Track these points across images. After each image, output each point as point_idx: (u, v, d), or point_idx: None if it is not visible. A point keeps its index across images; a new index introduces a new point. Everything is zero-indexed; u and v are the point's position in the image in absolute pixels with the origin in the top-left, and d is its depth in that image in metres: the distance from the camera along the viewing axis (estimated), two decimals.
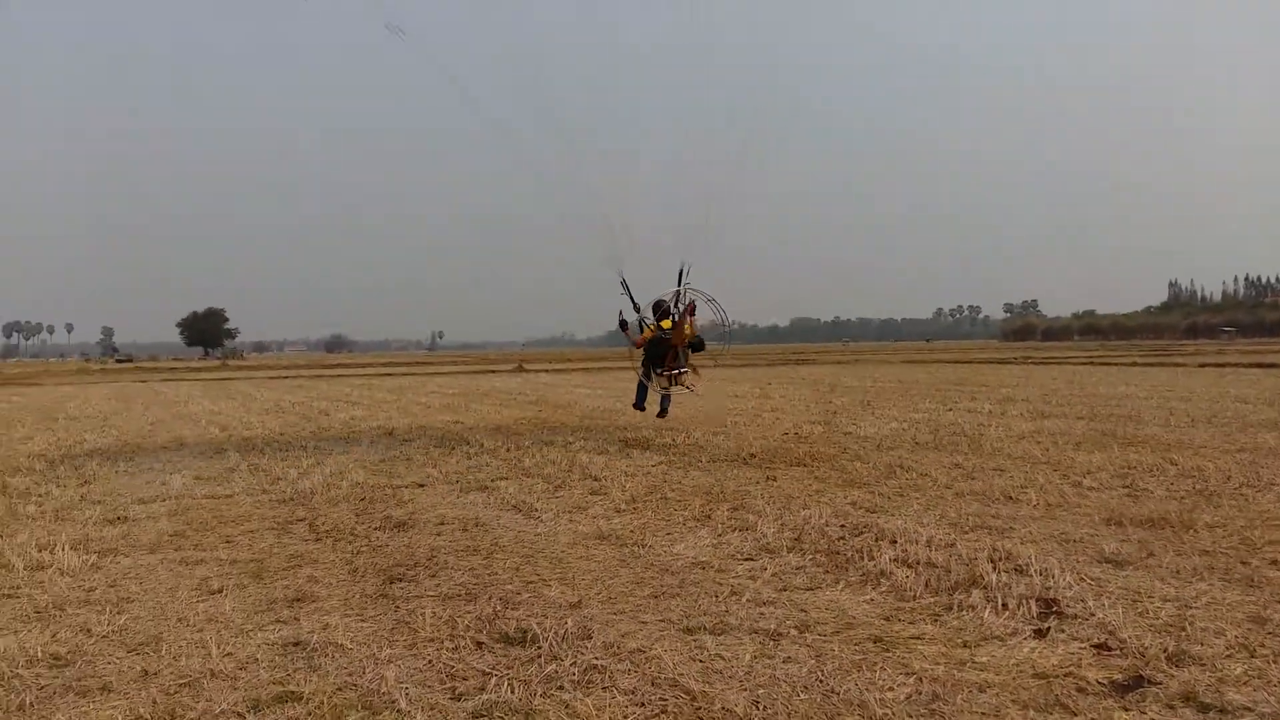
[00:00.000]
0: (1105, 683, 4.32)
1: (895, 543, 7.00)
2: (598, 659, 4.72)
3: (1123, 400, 20.97)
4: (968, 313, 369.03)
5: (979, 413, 18.34)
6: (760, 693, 4.26)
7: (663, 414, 16.44)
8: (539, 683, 4.43)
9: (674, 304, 15.83)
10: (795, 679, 4.42)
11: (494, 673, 4.57)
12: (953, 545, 6.87)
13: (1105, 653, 4.71)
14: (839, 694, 4.23)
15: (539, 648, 4.91)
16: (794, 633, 5.09)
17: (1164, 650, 4.66)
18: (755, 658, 4.72)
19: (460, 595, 5.99)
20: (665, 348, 15.79)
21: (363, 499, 9.69)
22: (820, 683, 4.36)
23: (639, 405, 16.72)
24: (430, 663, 4.77)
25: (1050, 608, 5.41)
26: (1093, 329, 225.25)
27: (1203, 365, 41.87)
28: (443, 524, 8.31)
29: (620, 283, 16.04)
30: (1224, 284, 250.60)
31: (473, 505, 9.28)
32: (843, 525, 7.73)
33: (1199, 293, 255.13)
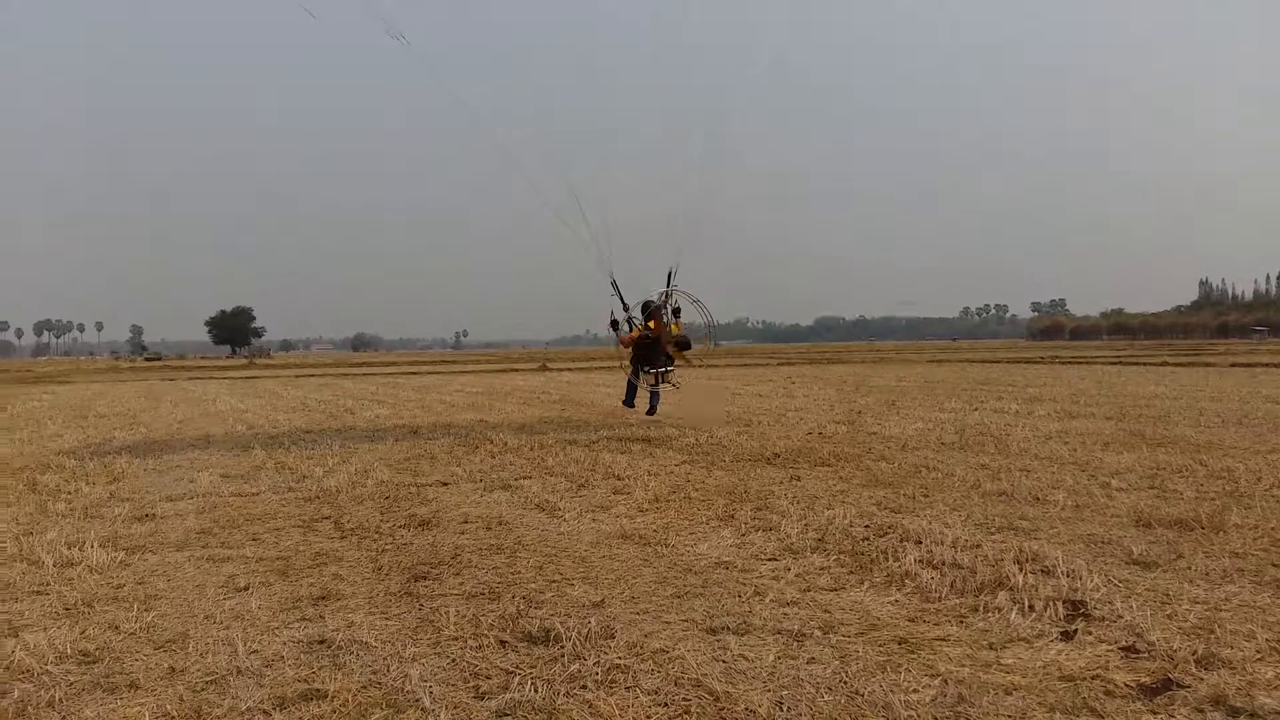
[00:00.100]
0: (1133, 686, 4.27)
1: (920, 543, 6.96)
2: (621, 659, 4.72)
3: (1152, 400, 20.75)
4: (994, 311, 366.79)
5: (1005, 413, 18.20)
6: (784, 694, 4.24)
7: (651, 411, 17.00)
8: (562, 682, 4.44)
9: (662, 305, 16.34)
10: (819, 680, 4.40)
11: (517, 672, 4.58)
12: (979, 546, 6.83)
13: (1133, 655, 4.66)
14: (863, 695, 4.20)
15: (562, 647, 4.91)
16: (818, 634, 5.07)
17: (1193, 653, 4.60)
18: (779, 658, 4.71)
19: (484, 594, 6.01)
20: (653, 347, 16.35)
21: (387, 497, 9.74)
22: (844, 684, 4.34)
23: (629, 403, 17.33)
24: (454, 661, 4.79)
25: (1077, 610, 5.36)
26: (1122, 328, 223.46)
27: (1234, 365, 41.37)
28: (466, 522, 8.34)
29: (611, 284, 16.68)
30: (1256, 282, 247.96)
31: (496, 504, 9.31)
32: (867, 526, 7.69)
33: (1230, 291, 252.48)
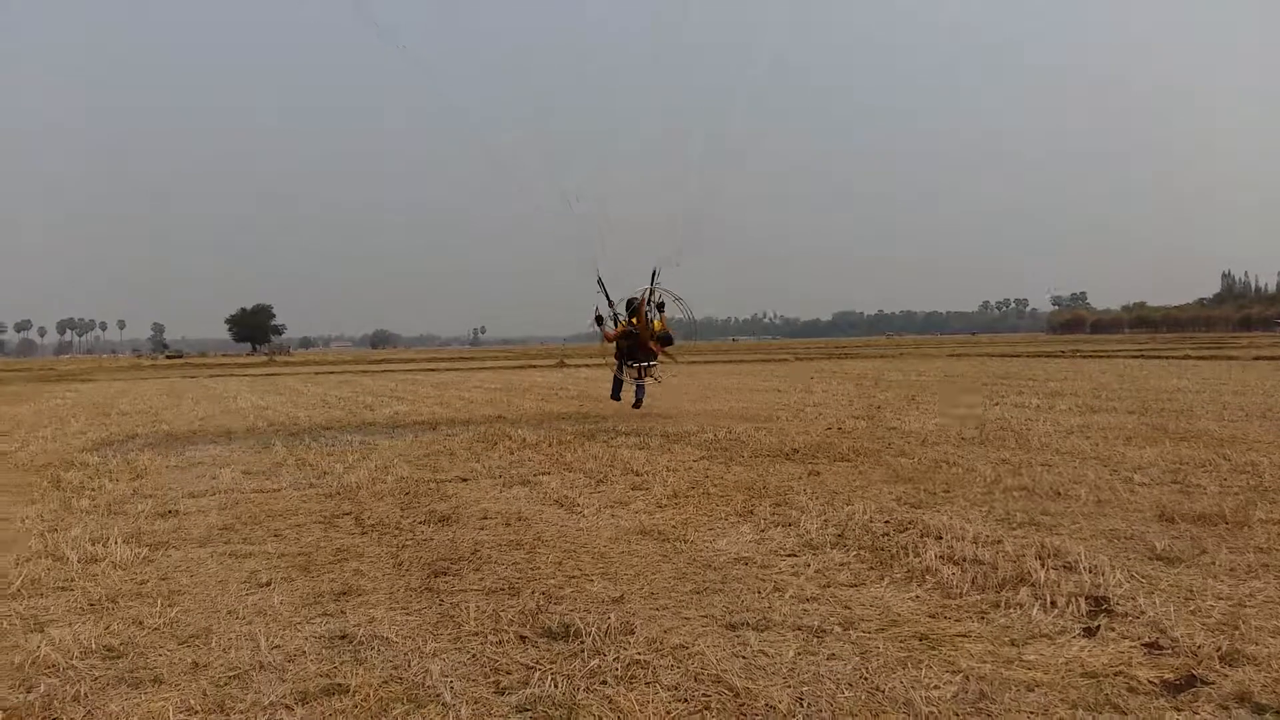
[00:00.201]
0: (1156, 682, 4.24)
1: (941, 539, 6.92)
2: (640, 654, 4.72)
3: (1174, 394, 20.56)
4: (1014, 305, 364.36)
5: (1026, 407, 18.09)
6: (804, 690, 4.24)
7: (637, 404, 17.80)
8: (582, 677, 4.44)
9: (646, 302, 16.96)
10: (839, 676, 4.38)
11: (537, 667, 4.60)
12: (1000, 542, 6.79)
13: (1156, 652, 4.62)
14: (884, 691, 4.19)
15: (582, 642, 4.92)
16: (838, 629, 5.05)
17: (1217, 649, 4.56)
18: (799, 654, 4.70)
19: (503, 589, 6.02)
20: (636, 342, 17.07)
21: (407, 493, 9.78)
22: (865, 680, 4.33)
23: (615, 396, 18.03)
24: (474, 656, 4.81)
25: (1100, 605, 5.32)
26: (1144, 321, 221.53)
27: (1257, 358, 40.96)
28: (486, 518, 8.36)
29: (597, 281, 17.32)
30: (1279, 275, 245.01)
31: (515, 500, 9.33)
32: (887, 521, 7.66)
33: (1253, 284, 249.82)
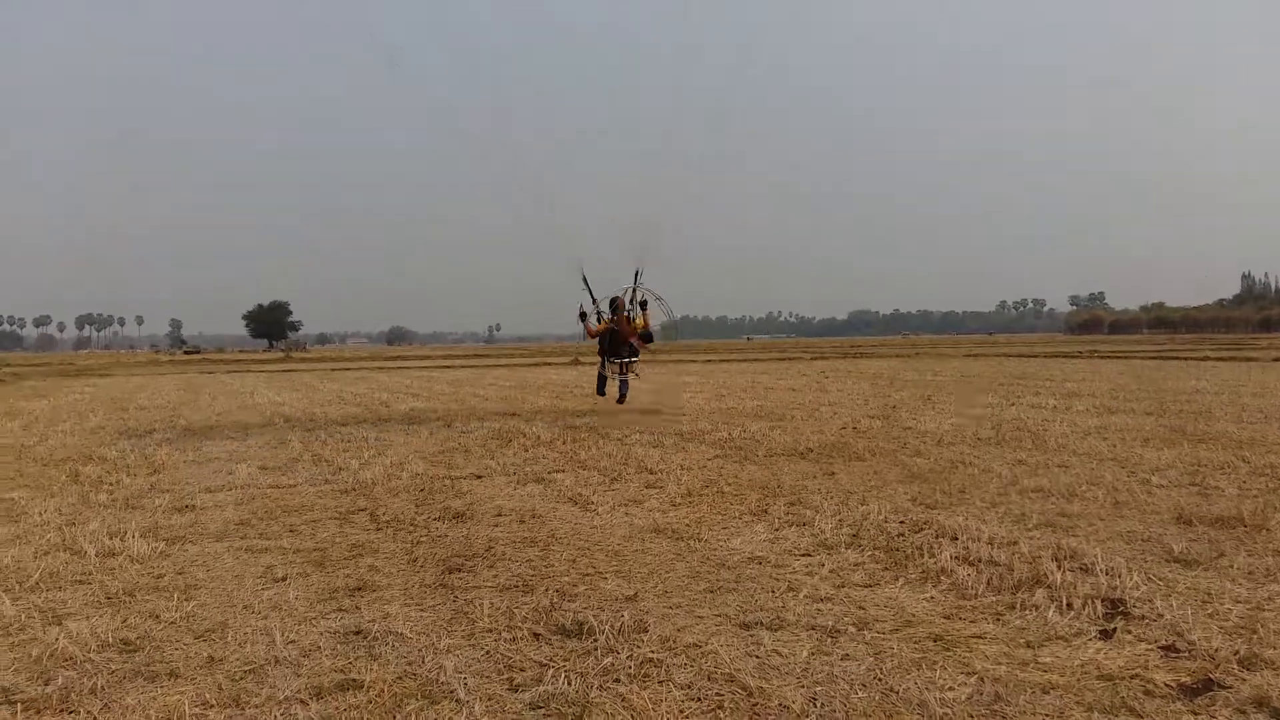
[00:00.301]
0: (1173, 686, 4.21)
1: (956, 540, 6.90)
2: (654, 652, 4.72)
3: (1193, 396, 20.42)
4: (1032, 305, 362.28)
5: (1043, 408, 18.00)
6: (818, 690, 4.23)
7: (621, 400, 18.46)
8: (595, 675, 4.45)
9: (629, 301, 17.68)
10: (853, 676, 4.37)
11: (551, 664, 4.60)
12: (1015, 543, 6.75)
13: (1173, 655, 4.59)
14: (898, 692, 4.17)
15: (595, 640, 4.93)
16: (852, 630, 5.04)
17: (1235, 653, 4.53)
18: (813, 654, 4.69)
19: (517, 586, 6.04)
20: (618, 339, 17.78)
21: (422, 490, 9.81)
22: (879, 681, 4.32)
23: (600, 392, 18.80)
24: (488, 653, 4.82)
25: (1116, 608, 5.29)
26: (1162, 322, 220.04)
27: (1277, 360, 40.63)
28: (500, 515, 8.38)
29: (581, 279, 17.99)
30: None
31: (530, 497, 9.35)
32: (902, 521, 7.64)
33: (1273, 284, 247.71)
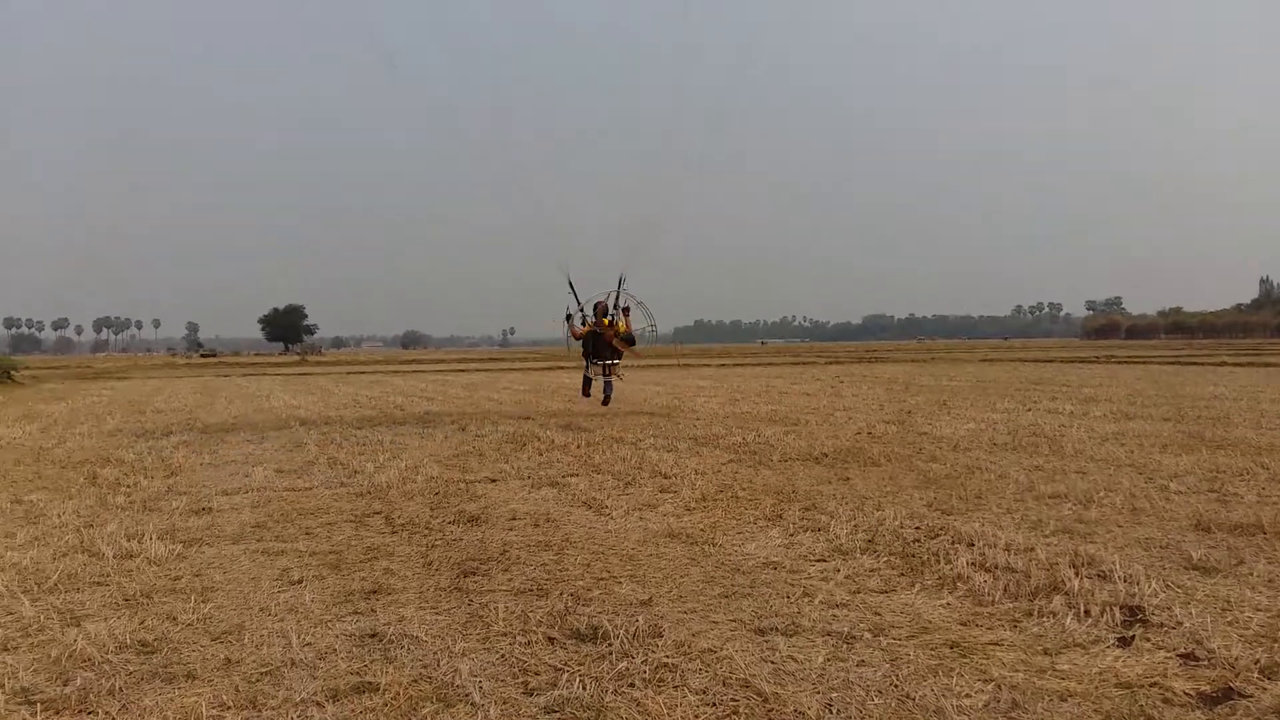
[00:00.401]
0: (1193, 694, 4.18)
1: (973, 546, 6.86)
2: (669, 657, 4.72)
3: (1211, 401, 20.27)
4: (1048, 310, 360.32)
5: (1060, 413, 17.90)
6: (833, 696, 4.21)
7: (605, 401, 19.11)
8: (610, 680, 4.44)
9: (613, 305, 18.24)
10: (869, 683, 4.35)
11: (565, 668, 4.60)
12: (1032, 549, 6.71)
13: (1193, 663, 4.56)
14: (914, 699, 4.15)
15: (610, 645, 4.92)
16: (868, 636, 5.02)
17: (1255, 661, 4.49)
18: (828, 660, 4.67)
19: (532, 590, 6.04)
20: (601, 341, 18.37)
21: (437, 493, 9.83)
22: (895, 687, 4.30)
23: (585, 393, 19.47)
24: (503, 657, 4.82)
25: (1135, 615, 5.25)
26: (1180, 327, 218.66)
27: None
28: (515, 519, 8.39)
29: (567, 283, 18.58)
30: None
31: (544, 501, 9.35)
32: (918, 527, 7.60)
33: None
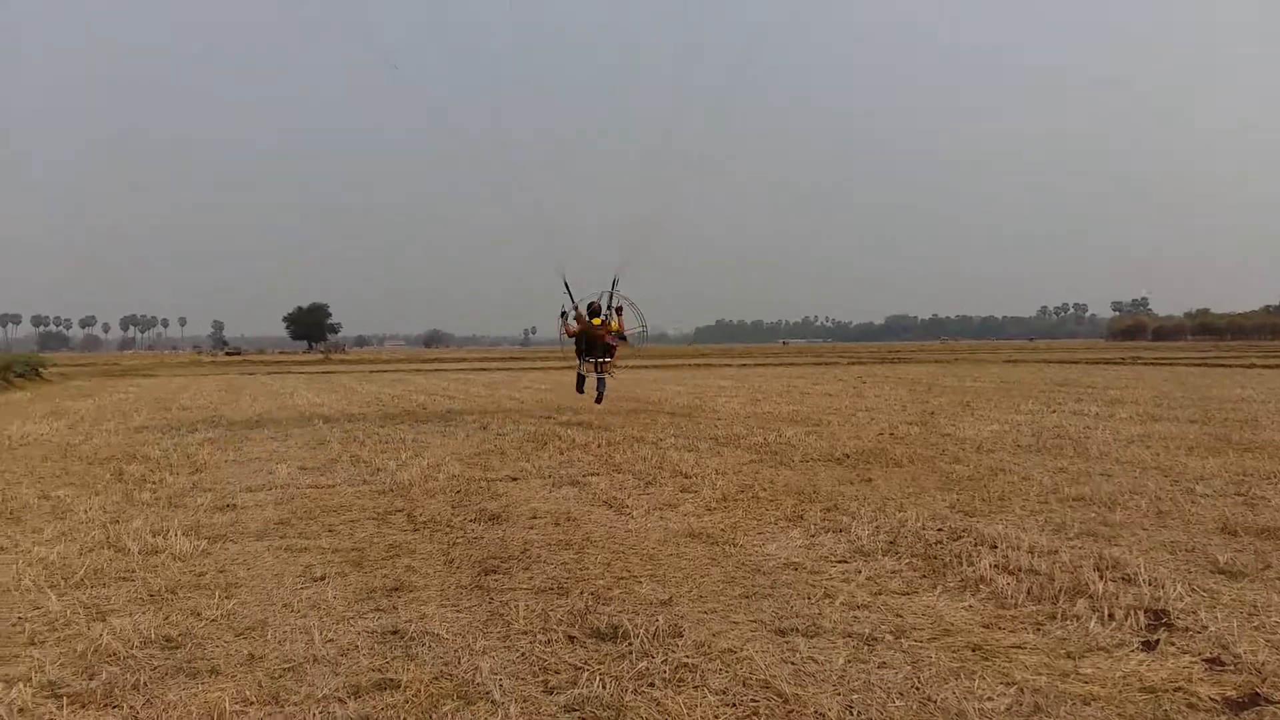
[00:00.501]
0: (1218, 699, 4.13)
1: (996, 548, 6.82)
2: (689, 657, 4.72)
3: (1239, 404, 20.04)
4: (1073, 311, 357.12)
5: (1085, 415, 17.75)
6: (854, 698, 4.20)
7: (599, 400, 19.78)
8: (630, 679, 4.45)
9: (606, 306, 19.06)
10: (890, 685, 4.33)
11: (586, 667, 4.61)
12: (1056, 552, 6.67)
13: (1218, 668, 4.51)
14: (936, 702, 4.13)
15: (630, 644, 4.93)
16: (889, 638, 5.00)
17: None
18: (849, 662, 4.66)
19: (552, 589, 6.05)
20: (593, 340, 19.10)
21: (458, 491, 9.88)
22: (916, 690, 4.28)
23: (579, 390, 20.17)
24: (523, 655, 4.84)
25: (1160, 619, 5.20)
26: (1207, 329, 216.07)
27: None
28: (535, 518, 8.41)
29: (563, 282, 19.22)
30: None
31: (565, 500, 9.37)
32: (940, 529, 7.56)
33: None
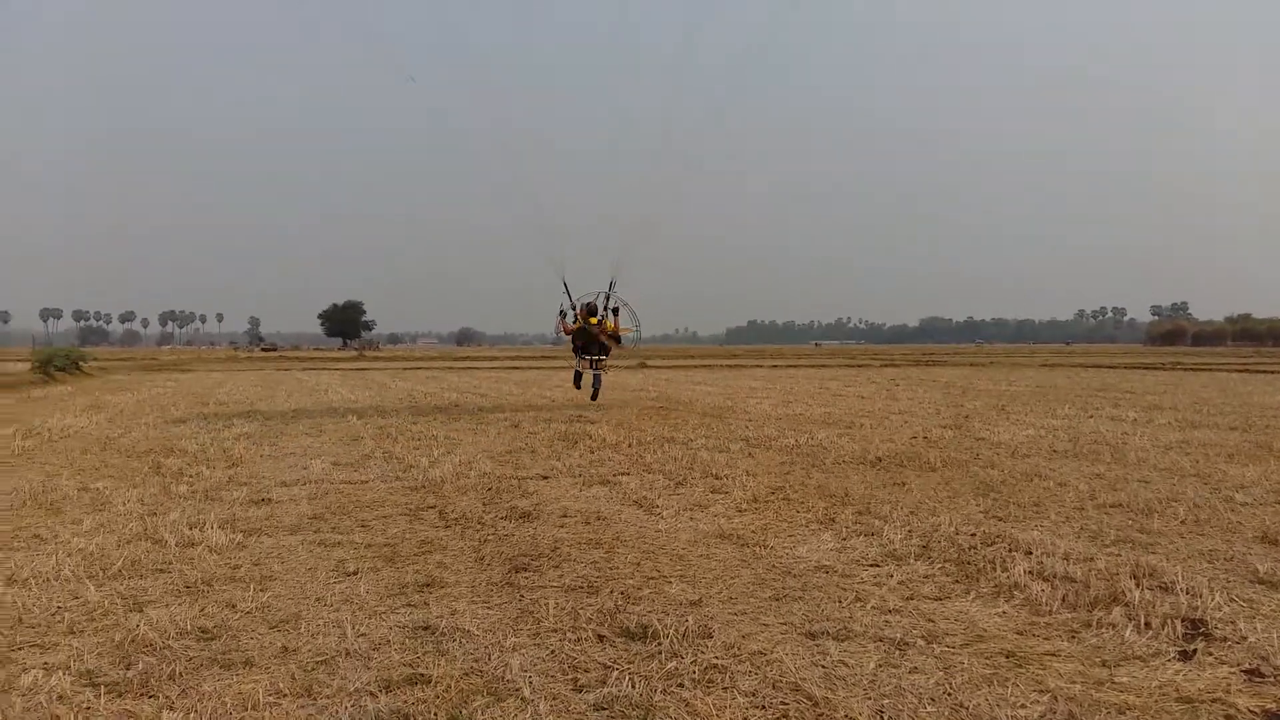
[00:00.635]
0: (1257, 712, 4.07)
1: (1030, 554, 6.75)
2: (718, 659, 4.71)
3: None
4: (1111, 314, 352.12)
5: (1123, 420, 17.52)
6: (885, 703, 4.17)
7: (594, 395, 20.81)
8: (659, 679, 4.45)
9: (603, 307, 20.09)
10: (921, 690, 4.30)
11: (615, 666, 4.62)
12: (1092, 559, 6.59)
13: (1258, 679, 4.43)
14: (968, 709, 4.10)
15: (659, 644, 4.93)
16: (921, 643, 4.96)
17: None
18: (880, 666, 4.63)
19: (582, 587, 6.07)
20: (589, 338, 20.11)
21: (490, 489, 9.92)
22: (948, 696, 4.24)
23: (577, 385, 21.33)
24: (553, 653, 4.85)
25: (1197, 629, 5.13)
26: (1248, 334, 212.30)
27: None
28: (566, 516, 8.43)
29: (562, 283, 20.30)
30: None
31: (595, 499, 9.39)
32: (974, 534, 7.49)
33: None
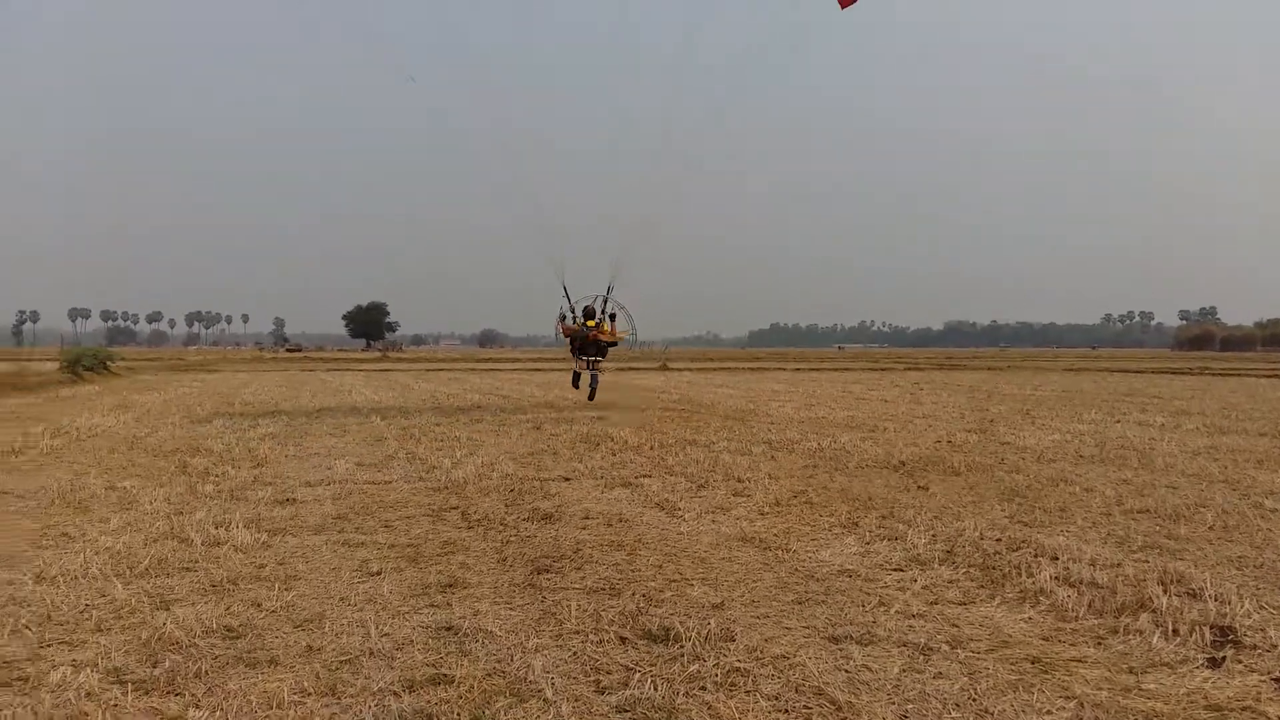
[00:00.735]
0: None
1: (1056, 560, 6.69)
2: (740, 662, 4.69)
3: None
4: (1139, 319, 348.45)
5: (1150, 425, 17.34)
6: (909, 708, 4.14)
7: (591, 397, 21.14)
8: (681, 681, 4.44)
9: (601, 310, 20.34)
10: (946, 696, 4.27)
11: (637, 668, 4.61)
12: (1119, 565, 6.52)
13: None
14: (993, 714, 4.06)
15: (682, 646, 4.92)
16: (945, 648, 4.92)
17: None
18: (904, 671, 4.60)
19: (604, 589, 6.07)
20: (586, 340, 20.34)
21: (512, 490, 9.94)
22: (973, 701, 4.20)
23: (575, 385, 21.81)
24: (575, 654, 4.85)
25: (1226, 636, 5.06)
26: (1278, 339, 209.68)
27: None
28: (588, 518, 8.44)
29: (562, 286, 20.58)
30: None
31: (617, 501, 9.39)
32: (999, 539, 7.44)
33: None
